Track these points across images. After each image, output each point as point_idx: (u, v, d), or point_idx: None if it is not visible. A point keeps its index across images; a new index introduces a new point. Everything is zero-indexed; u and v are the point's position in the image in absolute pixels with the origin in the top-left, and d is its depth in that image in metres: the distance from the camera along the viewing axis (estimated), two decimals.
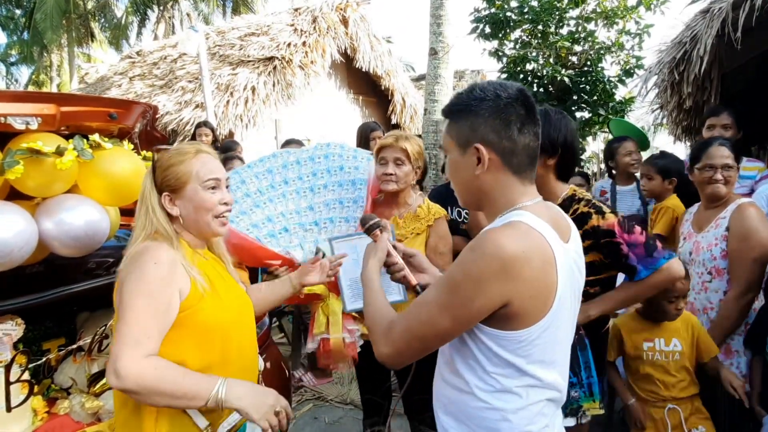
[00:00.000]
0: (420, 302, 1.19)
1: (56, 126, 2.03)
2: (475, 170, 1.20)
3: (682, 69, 3.95)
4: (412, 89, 10.84)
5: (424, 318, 1.16)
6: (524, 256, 1.07)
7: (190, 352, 1.43)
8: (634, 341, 2.31)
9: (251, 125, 7.72)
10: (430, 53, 6.11)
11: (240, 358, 1.55)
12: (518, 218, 1.13)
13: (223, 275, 1.61)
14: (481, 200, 1.25)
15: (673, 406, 2.24)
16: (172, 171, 1.51)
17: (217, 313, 1.47)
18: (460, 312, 1.11)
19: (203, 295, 1.44)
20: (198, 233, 1.56)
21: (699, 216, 2.56)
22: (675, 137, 5.09)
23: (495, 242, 1.08)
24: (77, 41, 19.61)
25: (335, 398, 3.73)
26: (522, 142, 1.18)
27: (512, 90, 1.19)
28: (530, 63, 7.12)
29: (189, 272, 1.43)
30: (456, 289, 1.10)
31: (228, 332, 1.50)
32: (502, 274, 1.06)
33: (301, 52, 8.31)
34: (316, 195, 2.36)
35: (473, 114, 1.19)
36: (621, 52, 7.05)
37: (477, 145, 1.18)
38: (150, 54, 10.15)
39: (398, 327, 1.20)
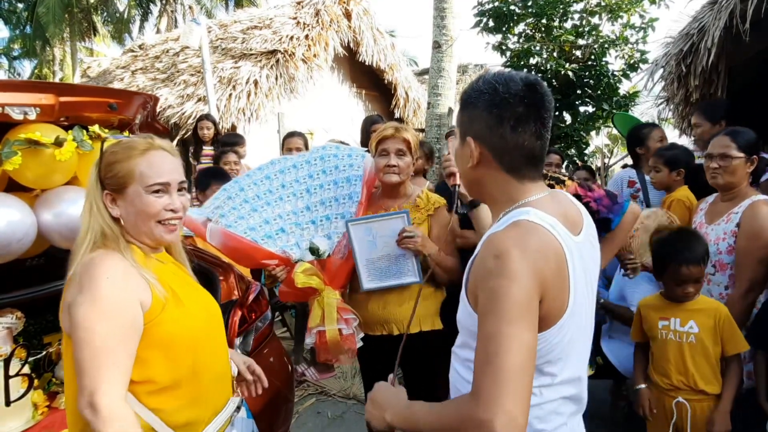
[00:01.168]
0: (486, 339, 1.00)
1: (55, 116, 2.01)
2: (467, 162, 1.19)
3: (689, 61, 3.90)
4: (415, 83, 10.80)
5: (509, 349, 0.96)
6: (539, 246, 1.05)
7: (157, 368, 1.29)
8: (651, 319, 2.26)
9: (254, 119, 7.70)
10: (434, 46, 6.06)
11: (211, 368, 1.43)
12: (524, 217, 1.10)
13: (186, 280, 1.48)
14: (480, 192, 1.27)
15: (682, 400, 2.14)
16: (114, 168, 1.33)
17: (183, 321, 1.34)
18: (527, 314, 1.01)
19: (165, 304, 1.30)
20: (144, 237, 1.38)
21: (712, 207, 2.53)
22: (681, 131, 5.04)
23: (509, 239, 1.05)
24: (80, 35, 19.55)
25: (338, 393, 3.71)
26: (514, 141, 1.14)
27: (516, 86, 1.13)
28: (534, 57, 7.06)
29: (147, 280, 1.28)
30: (506, 297, 0.99)
31: (196, 341, 1.38)
32: (531, 260, 1.02)
33: (304, 45, 8.27)
34: (313, 195, 2.37)
35: (472, 106, 1.18)
36: (625, 46, 6.99)
37: (468, 138, 1.18)
38: (152, 47, 10.11)
39: (484, 384, 0.96)
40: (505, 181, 1.18)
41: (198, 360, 1.37)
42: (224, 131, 6.68)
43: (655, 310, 2.27)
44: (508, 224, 1.10)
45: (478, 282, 1.07)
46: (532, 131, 1.14)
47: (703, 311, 2.17)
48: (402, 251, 2.14)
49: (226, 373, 1.53)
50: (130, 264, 1.28)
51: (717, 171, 2.38)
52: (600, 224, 1.88)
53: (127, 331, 1.22)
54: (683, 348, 2.16)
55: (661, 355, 2.21)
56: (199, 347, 1.38)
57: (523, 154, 1.15)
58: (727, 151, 2.34)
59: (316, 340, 2.21)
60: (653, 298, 2.34)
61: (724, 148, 2.35)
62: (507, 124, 1.13)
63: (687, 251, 2.15)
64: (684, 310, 2.20)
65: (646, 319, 2.29)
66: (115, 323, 1.20)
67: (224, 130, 6.95)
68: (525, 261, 1.02)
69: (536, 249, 1.04)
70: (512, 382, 0.94)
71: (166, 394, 1.30)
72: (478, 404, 0.95)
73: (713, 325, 2.14)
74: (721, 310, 2.16)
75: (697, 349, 2.14)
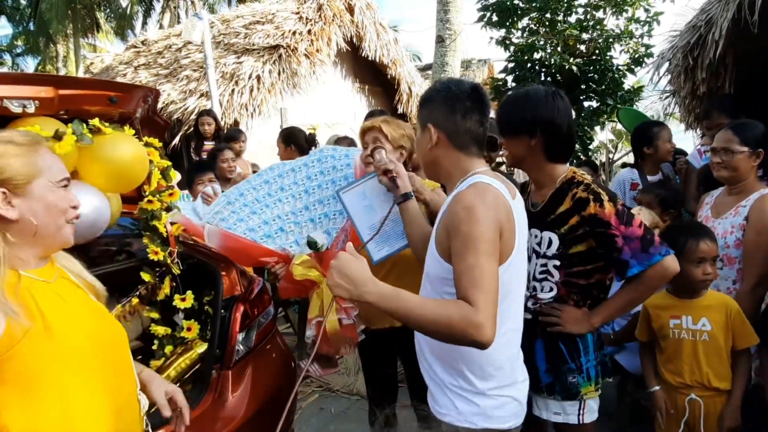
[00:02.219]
0: (468, 268, 1.31)
1: (54, 110, 1.98)
2: (428, 145, 1.55)
3: (696, 54, 3.86)
4: (419, 78, 10.74)
5: (487, 274, 1.30)
6: (494, 199, 1.39)
7: (11, 414, 1.06)
8: (661, 318, 2.21)
9: (256, 114, 7.67)
10: (437, 41, 6.03)
11: (101, 408, 1.19)
12: (478, 179, 1.45)
13: (73, 300, 1.25)
14: (438, 171, 1.61)
15: (695, 398, 2.11)
16: (12, 162, 1.15)
17: (52, 355, 1.11)
18: (494, 251, 1.35)
19: (21, 336, 1.06)
20: (41, 243, 1.21)
21: (719, 201, 2.50)
22: (687, 125, 5.00)
23: (472, 195, 1.39)
24: (82, 31, 19.57)
25: (341, 389, 3.70)
26: (464, 126, 1.51)
27: (464, 86, 1.53)
28: (538, 52, 7.00)
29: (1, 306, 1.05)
30: (479, 237, 1.32)
31: (69, 380, 1.14)
32: (491, 209, 1.37)
33: (307, 40, 8.23)
34: (311, 195, 2.36)
35: (430, 101, 1.57)
36: (630, 40, 6.92)
37: (429, 125, 1.54)
38: (155, 43, 10.08)
39: (478, 298, 1.27)
40: (457, 157, 1.54)
41: (70, 406, 1.14)
42: (227, 127, 6.66)
43: (664, 309, 2.21)
44: (468, 185, 1.44)
45: (451, 230, 1.39)
46: (477, 119, 1.52)
47: (714, 307, 2.13)
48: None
49: (117, 414, 1.25)
50: None
51: (720, 165, 2.37)
52: (615, 263, 1.77)
53: None
54: (697, 346, 2.12)
55: (674, 354, 2.17)
56: (74, 388, 1.16)
57: (470, 136, 1.53)
58: (730, 145, 2.32)
59: (316, 332, 2.19)
60: (660, 297, 2.27)
61: (726, 142, 2.34)
62: (458, 113, 1.51)
63: (701, 229, 2.18)
64: (695, 307, 2.15)
65: (656, 319, 2.24)
66: None
67: (227, 125, 6.93)
68: (488, 210, 1.36)
69: (493, 201, 1.39)
70: (493, 300, 1.30)
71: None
72: (476, 309, 1.26)
73: (725, 321, 2.10)
74: (731, 305, 2.13)
75: (711, 347, 2.10)
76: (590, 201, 1.74)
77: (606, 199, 1.75)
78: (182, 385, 2.24)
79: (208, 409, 2.07)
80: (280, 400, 2.34)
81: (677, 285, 2.18)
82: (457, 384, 1.48)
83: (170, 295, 2.43)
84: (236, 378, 2.20)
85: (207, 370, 2.18)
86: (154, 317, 2.44)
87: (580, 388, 1.83)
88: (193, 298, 2.42)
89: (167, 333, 2.39)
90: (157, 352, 2.37)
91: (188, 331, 2.36)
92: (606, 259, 1.80)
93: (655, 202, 3.00)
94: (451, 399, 1.49)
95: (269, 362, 2.42)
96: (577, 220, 1.77)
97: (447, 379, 1.50)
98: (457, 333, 1.26)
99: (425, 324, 1.31)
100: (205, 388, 2.13)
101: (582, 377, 1.84)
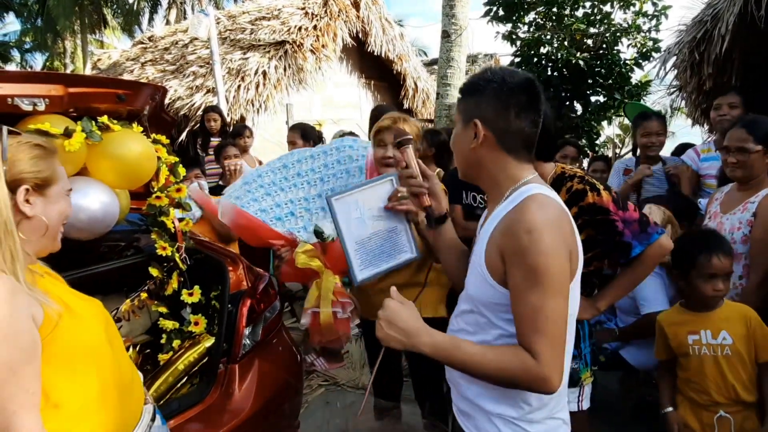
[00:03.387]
0: (532, 311, 1.16)
1: (64, 107, 2.01)
2: (470, 144, 1.31)
3: (703, 49, 3.84)
4: (425, 73, 10.74)
5: (553, 317, 1.16)
6: (559, 217, 1.21)
7: (63, 391, 1.15)
8: (678, 335, 2.09)
9: (262, 110, 7.70)
10: (443, 36, 6.02)
11: (120, 380, 1.30)
12: (536, 191, 1.24)
13: (66, 288, 1.32)
14: (479, 175, 1.37)
15: (725, 415, 1.99)
16: (44, 161, 1.23)
17: (82, 333, 1.22)
18: (564, 285, 1.18)
19: (57, 319, 1.14)
20: (42, 244, 1.27)
21: (729, 197, 2.47)
22: (693, 120, 4.97)
23: (534, 214, 1.18)
24: (90, 27, 19.66)
25: (347, 383, 3.73)
26: (516, 126, 1.28)
27: (519, 78, 1.29)
28: (544, 46, 6.97)
29: (33, 296, 1.11)
30: (547, 272, 1.15)
31: (101, 353, 1.26)
32: (559, 233, 1.18)
33: (312, 36, 8.24)
34: (326, 184, 2.40)
35: (479, 93, 1.31)
36: (638, 34, 6.88)
37: (475, 120, 1.29)
38: (161, 39, 10.13)
39: (543, 349, 1.15)
40: (505, 161, 1.31)
41: (105, 376, 1.25)
42: (233, 122, 6.69)
43: (681, 325, 2.10)
44: (524, 199, 1.22)
45: (508, 257, 1.20)
46: (531, 119, 1.29)
47: (733, 319, 2.03)
48: (394, 225, 1.83)
49: (135, 380, 1.39)
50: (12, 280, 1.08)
51: (735, 165, 2.32)
52: (619, 248, 1.82)
53: (31, 356, 1.06)
54: (720, 361, 2.01)
55: (697, 372, 2.06)
56: (105, 360, 1.27)
57: (522, 137, 1.30)
58: (744, 144, 2.27)
59: (311, 321, 2.21)
60: (674, 312, 2.19)
61: (740, 141, 2.28)
62: (512, 109, 1.27)
63: (716, 242, 2.05)
64: (712, 320, 2.05)
65: (674, 337, 2.12)
66: (14, 347, 1.03)
67: (233, 121, 6.96)
68: (555, 234, 1.17)
69: (559, 220, 1.20)
70: (561, 346, 1.17)
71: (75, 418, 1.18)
72: (540, 363, 1.14)
73: (746, 333, 2.00)
74: (750, 315, 2.03)
75: (734, 361, 2.00)
76: (587, 191, 1.80)
77: (602, 188, 1.82)
78: (190, 379, 2.27)
79: (215, 403, 2.10)
80: (286, 393, 2.37)
81: (689, 299, 2.13)
82: (505, 413, 1.32)
83: (178, 289, 2.46)
84: (243, 372, 2.22)
85: (214, 364, 2.20)
86: (163, 312, 2.47)
87: (581, 374, 1.91)
88: (201, 293, 2.46)
89: (175, 327, 2.42)
90: (165, 345, 2.41)
91: (196, 325, 2.39)
92: (605, 245, 1.85)
93: None
94: (498, 426, 1.33)
95: (275, 356, 2.45)
96: (576, 211, 1.81)
97: (494, 408, 1.33)
98: (522, 386, 1.19)
99: (485, 376, 1.23)
100: (212, 382, 2.15)
101: (582, 363, 1.91)
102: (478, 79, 1.33)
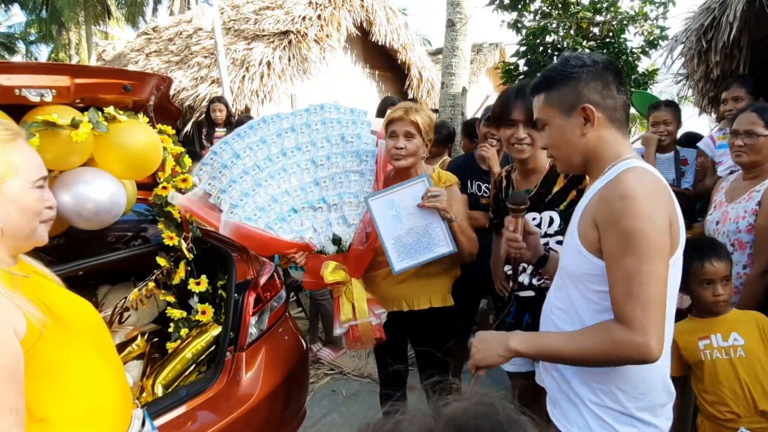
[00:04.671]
0: (626, 276, 1.16)
1: (71, 98, 2.03)
2: (583, 130, 1.31)
3: (710, 36, 3.79)
4: (429, 63, 10.67)
5: (650, 282, 1.14)
6: (659, 186, 1.22)
7: (48, 405, 1.09)
8: (690, 343, 2.02)
9: (267, 100, 7.69)
10: (448, 25, 5.98)
11: (110, 388, 1.24)
12: (634, 164, 1.25)
13: (55, 290, 1.24)
14: (589, 159, 1.36)
15: (745, 431, 1.87)
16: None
17: (68, 344, 1.14)
18: (662, 250, 1.17)
19: (41, 329, 1.05)
20: (13, 245, 1.13)
21: (734, 185, 2.46)
22: (701, 109, 4.92)
23: (631, 181, 1.18)
24: (94, 19, 19.61)
25: (352, 372, 3.76)
26: (621, 100, 1.33)
27: (602, 58, 1.34)
28: (550, 35, 6.91)
29: (15, 303, 1.03)
30: (642, 236, 1.14)
31: (88, 362, 1.18)
32: (657, 200, 1.18)
33: (317, 25, 8.20)
34: (320, 168, 2.32)
35: (575, 80, 1.31)
36: (645, 22, 6.81)
37: (585, 105, 1.30)
38: (165, 30, 10.11)
39: (635, 315, 1.14)
40: (614, 137, 1.33)
41: (95, 392, 1.18)
42: (238, 113, 6.69)
43: (692, 333, 2.03)
44: (621, 171, 1.23)
45: (603, 224, 1.21)
46: (625, 91, 1.35)
47: (742, 321, 1.99)
48: (429, 221, 2.04)
49: (124, 387, 1.32)
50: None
51: (742, 149, 2.30)
52: None
53: (12, 371, 0.99)
54: (734, 364, 1.92)
55: (712, 380, 1.96)
56: (94, 372, 1.20)
57: (625, 110, 1.35)
58: (754, 128, 2.26)
59: (349, 333, 2.22)
60: (684, 323, 2.11)
61: (750, 125, 2.27)
62: (613, 86, 1.31)
63: (708, 248, 2.01)
64: (722, 323, 1.99)
65: (685, 346, 2.04)
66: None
67: (238, 112, 6.96)
68: (653, 200, 1.17)
69: (658, 189, 1.20)
70: (657, 311, 1.14)
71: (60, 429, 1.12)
72: (633, 330, 1.13)
73: (759, 334, 1.94)
74: (760, 317, 1.98)
75: (750, 363, 1.91)
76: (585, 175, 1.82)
77: None
78: (198, 366, 2.30)
79: (222, 390, 2.13)
80: (292, 382, 2.40)
81: (696, 307, 2.09)
82: (599, 401, 1.31)
83: (185, 279, 2.49)
84: (250, 360, 2.25)
85: (221, 352, 2.23)
86: (170, 301, 2.50)
87: None
88: (207, 282, 2.48)
89: (183, 316, 2.45)
90: (173, 334, 2.44)
91: (203, 314, 2.42)
92: None
93: None
94: (585, 418, 1.32)
95: (281, 345, 2.47)
96: (575, 194, 1.87)
97: (586, 395, 1.32)
98: (617, 360, 1.19)
99: (580, 361, 1.25)
100: (219, 370, 2.18)
101: None
102: (566, 68, 1.33)
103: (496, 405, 0.51)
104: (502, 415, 0.49)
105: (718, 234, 2.40)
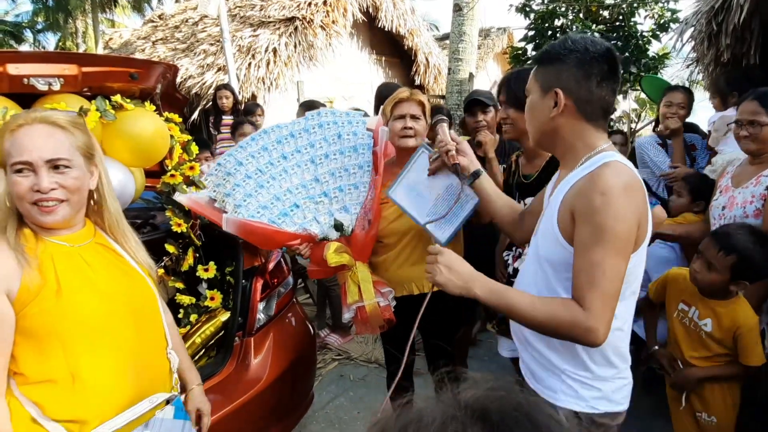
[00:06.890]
0: (591, 265, 1.22)
1: (78, 87, 2.04)
2: (550, 113, 1.34)
3: (721, 19, 3.73)
4: (436, 49, 10.59)
5: (610, 274, 1.21)
6: (632, 184, 1.24)
7: (27, 363, 1.22)
8: (674, 297, 2.24)
9: (273, 88, 7.67)
10: (455, 9, 5.92)
11: (111, 365, 1.30)
12: (612, 158, 1.28)
13: (96, 262, 1.33)
14: (554, 143, 1.40)
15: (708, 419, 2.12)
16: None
17: (54, 316, 1.21)
18: (627, 248, 1.24)
19: (36, 293, 1.19)
20: (29, 219, 1.28)
21: (741, 170, 2.44)
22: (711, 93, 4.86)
23: (609, 179, 1.22)
24: (101, 7, 19.58)
25: (360, 357, 3.80)
26: (598, 95, 1.31)
27: (601, 47, 1.31)
28: (559, 18, 6.83)
29: (17, 256, 1.18)
30: (613, 233, 1.20)
31: (76, 339, 1.25)
32: (631, 199, 1.23)
33: (323, 11, 8.15)
34: (319, 166, 2.34)
35: (560, 62, 1.33)
36: (655, 5, 6.71)
37: (557, 89, 1.32)
38: (172, 17, 10.09)
39: (594, 302, 1.21)
40: (583, 129, 1.34)
41: (76, 363, 1.25)
42: (244, 101, 6.69)
43: (681, 291, 2.22)
44: (600, 165, 1.26)
45: (579, 216, 1.26)
46: (611, 88, 1.33)
47: (723, 315, 2.07)
48: (448, 183, 1.99)
49: (152, 368, 1.40)
50: (6, 246, 1.18)
51: (747, 138, 2.29)
52: None
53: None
54: (697, 336, 2.15)
55: (674, 334, 2.23)
56: (80, 347, 1.26)
57: (601, 106, 1.34)
58: (757, 117, 2.24)
59: (357, 315, 2.22)
60: (686, 280, 2.21)
61: (753, 114, 2.25)
62: (594, 78, 1.30)
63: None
64: (706, 305, 2.12)
65: (670, 293, 2.27)
66: None
67: (244, 99, 6.96)
68: (627, 199, 1.21)
69: (632, 187, 1.24)
70: (612, 303, 1.22)
71: (41, 389, 1.23)
72: (589, 315, 1.21)
73: (730, 334, 2.06)
74: (744, 323, 2.04)
75: (698, 339, 2.15)
76: None
77: None
78: (207, 351, 2.34)
79: (231, 374, 2.17)
80: (300, 367, 2.43)
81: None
82: (575, 372, 1.38)
83: (194, 266, 2.51)
84: (258, 345, 2.28)
85: (230, 338, 2.26)
86: (179, 287, 2.53)
87: None
88: (216, 268, 2.51)
89: (192, 302, 2.48)
90: (182, 320, 2.47)
91: (212, 300, 2.45)
92: None
93: (686, 190, 2.91)
94: (570, 385, 1.38)
95: (289, 330, 2.51)
96: None
97: (564, 366, 1.39)
98: (568, 335, 1.26)
99: (532, 324, 1.30)
100: (228, 354, 2.22)
101: None
102: (559, 48, 1.34)
103: (514, 387, 0.53)
104: (521, 395, 0.50)
105: (725, 219, 2.39)
